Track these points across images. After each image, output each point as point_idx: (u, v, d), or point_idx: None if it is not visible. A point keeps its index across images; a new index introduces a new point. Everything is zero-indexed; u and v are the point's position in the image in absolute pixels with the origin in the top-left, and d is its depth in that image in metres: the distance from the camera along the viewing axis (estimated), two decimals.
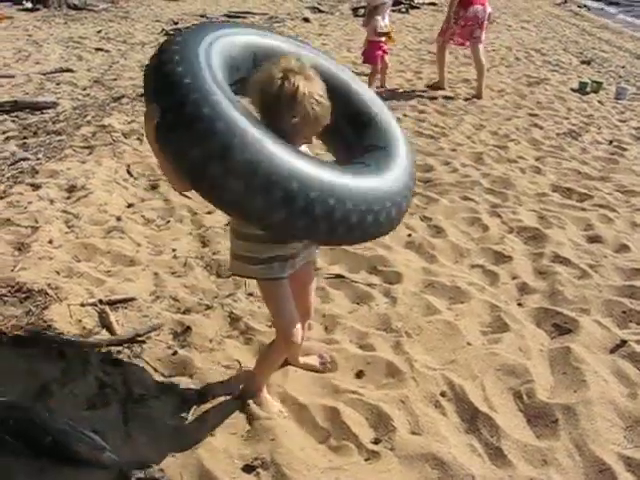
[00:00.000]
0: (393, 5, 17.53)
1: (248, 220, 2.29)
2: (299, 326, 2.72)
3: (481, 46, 8.96)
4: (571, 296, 3.98)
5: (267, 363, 2.93)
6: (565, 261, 4.43)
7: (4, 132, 6.58)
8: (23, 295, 3.56)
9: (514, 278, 4.23)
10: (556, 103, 8.98)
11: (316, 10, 16.55)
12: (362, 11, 15.70)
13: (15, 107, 7.32)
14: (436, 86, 9.33)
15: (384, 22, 8.64)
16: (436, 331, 3.57)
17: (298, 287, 2.83)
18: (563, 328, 3.67)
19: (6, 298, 3.54)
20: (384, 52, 8.87)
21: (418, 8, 17.60)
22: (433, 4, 18.91)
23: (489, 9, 8.84)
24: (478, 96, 8.96)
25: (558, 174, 6.22)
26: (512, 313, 3.78)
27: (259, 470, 2.57)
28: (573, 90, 9.75)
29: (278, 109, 2.33)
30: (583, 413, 2.92)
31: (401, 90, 9.25)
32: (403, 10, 17.54)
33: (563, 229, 4.97)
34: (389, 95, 8.70)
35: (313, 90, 2.34)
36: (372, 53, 8.78)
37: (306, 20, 14.91)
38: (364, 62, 9.06)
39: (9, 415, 2.50)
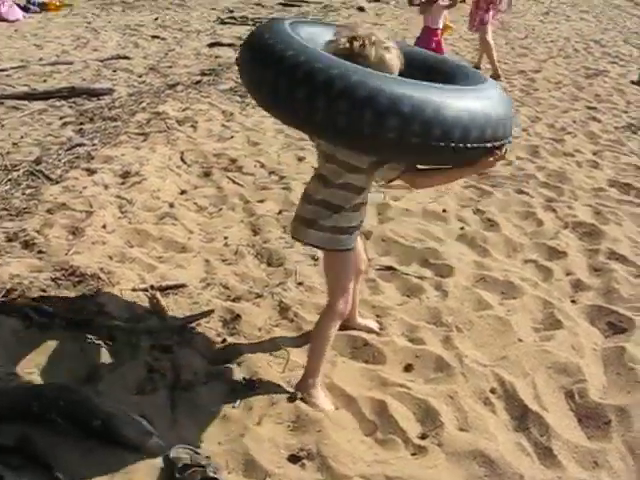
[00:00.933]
0: None
1: (362, 141, 2.33)
2: (350, 298, 2.91)
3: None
4: (627, 294, 3.87)
5: (319, 343, 2.92)
6: (621, 258, 4.31)
7: (61, 117, 6.70)
8: (76, 279, 3.62)
9: (568, 274, 4.14)
10: (615, 96, 8.76)
11: None
12: (418, 0, 15.58)
13: (72, 93, 7.45)
14: (493, 77, 9.21)
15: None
16: (487, 326, 3.52)
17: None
18: (618, 327, 3.58)
19: (60, 281, 3.60)
20: (438, 42, 8.74)
21: None
22: None
23: None
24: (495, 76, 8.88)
25: (616, 169, 6.07)
26: (565, 310, 3.70)
27: (304, 461, 2.56)
28: (633, 83, 9.51)
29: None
30: (637, 415, 2.84)
31: None
32: (460, 0, 17.29)
33: (620, 225, 4.84)
34: None
35: (380, 37, 2.51)
36: (427, 41, 8.66)
37: (361, 9, 14.83)
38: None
39: (59, 396, 2.53)
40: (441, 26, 8.63)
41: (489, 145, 2.40)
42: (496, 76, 8.92)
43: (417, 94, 2.24)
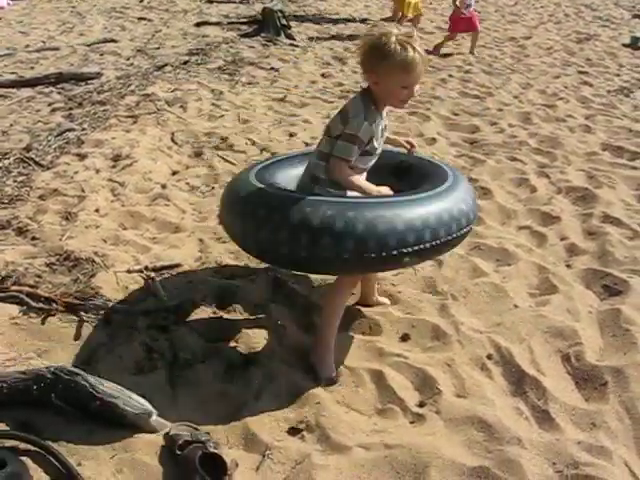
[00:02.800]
0: None
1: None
2: None
3: None
4: (621, 257, 3.89)
5: (326, 313, 2.98)
6: (615, 221, 4.32)
7: (50, 104, 6.66)
8: (71, 263, 3.62)
9: (563, 239, 4.15)
10: (607, 59, 8.73)
11: None
12: None
13: (60, 79, 7.40)
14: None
15: None
16: (483, 294, 3.53)
17: None
18: (613, 289, 3.59)
19: (55, 266, 3.60)
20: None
21: None
22: None
23: None
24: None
25: (609, 132, 6.06)
26: (560, 275, 3.71)
27: (304, 433, 2.58)
28: (625, 45, 9.47)
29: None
30: (633, 376, 2.86)
31: (446, 52, 9.08)
32: None
33: (613, 189, 4.85)
34: (435, 58, 8.55)
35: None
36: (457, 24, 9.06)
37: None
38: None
39: (58, 379, 2.54)
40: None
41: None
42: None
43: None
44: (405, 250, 2.52)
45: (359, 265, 2.60)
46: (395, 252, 2.51)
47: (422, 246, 2.56)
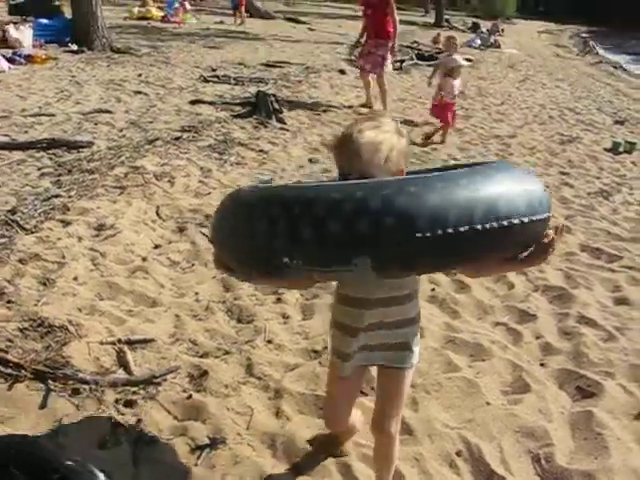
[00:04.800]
0: (427, 60, 17.85)
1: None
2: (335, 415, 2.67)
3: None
4: (596, 359, 3.90)
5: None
6: (591, 322, 4.35)
7: (39, 168, 6.71)
8: (44, 330, 3.59)
9: (538, 337, 4.17)
10: (588, 162, 8.94)
11: (352, 62, 16.76)
12: (398, 65, 15.91)
13: (52, 144, 7.47)
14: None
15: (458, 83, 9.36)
16: (456, 388, 3.52)
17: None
18: (586, 391, 3.59)
19: (27, 332, 3.57)
20: (453, 112, 9.51)
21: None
22: (469, 60, 19.06)
23: None
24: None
25: (587, 233, 6.16)
26: (534, 374, 3.71)
27: None
28: (606, 150, 9.71)
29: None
30: None
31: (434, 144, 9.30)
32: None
33: (590, 290, 4.90)
34: (419, 149, 8.75)
35: None
36: (445, 113, 9.34)
37: (342, 72, 15.11)
38: (436, 117, 9.59)
39: (19, 449, 2.48)
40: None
41: None
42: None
43: None
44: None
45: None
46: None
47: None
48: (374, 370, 2.69)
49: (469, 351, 3.93)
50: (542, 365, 3.89)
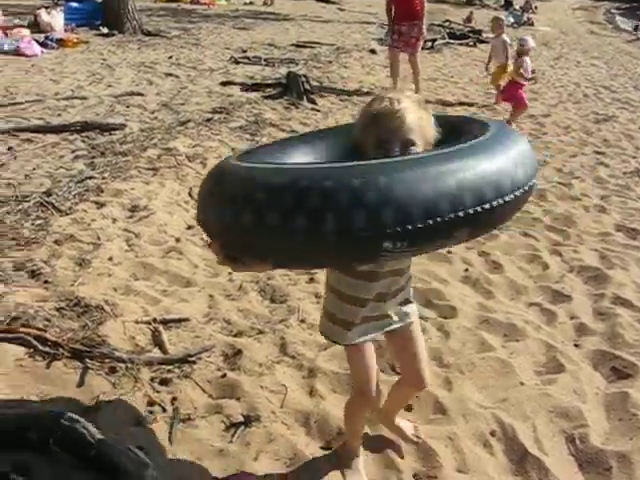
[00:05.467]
0: (459, 38, 17.64)
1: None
2: (369, 399, 2.54)
3: None
4: (631, 340, 3.85)
5: (351, 422, 2.71)
6: (626, 303, 4.30)
7: (73, 151, 6.77)
8: (80, 310, 3.64)
9: (572, 318, 4.13)
10: (624, 141, 8.80)
11: (383, 42, 16.65)
12: (429, 44, 15.74)
13: (85, 127, 7.54)
14: None
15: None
16: (489, 368, 3.51)
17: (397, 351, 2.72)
18: (621, 372, 3.55)
19: (64, 311, 3.62)
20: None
21: (486, 42, 17.49)
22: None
23: None
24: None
25: (623, 214, 6.07)
26: (568, 354, 3.68)
27: None
28: None
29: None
30: (638, 462, 2.81)
31: None
32: (471, 44, 17.53)
33: (626, 270, 4.84)
34: None
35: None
36: (519, 94, 9.04)
37: (373, 52, 15.02)
38: (506, 101, 9.36)
39: (57, 425, 2.54)
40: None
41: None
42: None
43: None
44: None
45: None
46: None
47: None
48: None
49: (503, 331, 3.91)
50: (576, 346, 3.85)
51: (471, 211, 1.83)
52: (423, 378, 2.63)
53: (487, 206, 1.86)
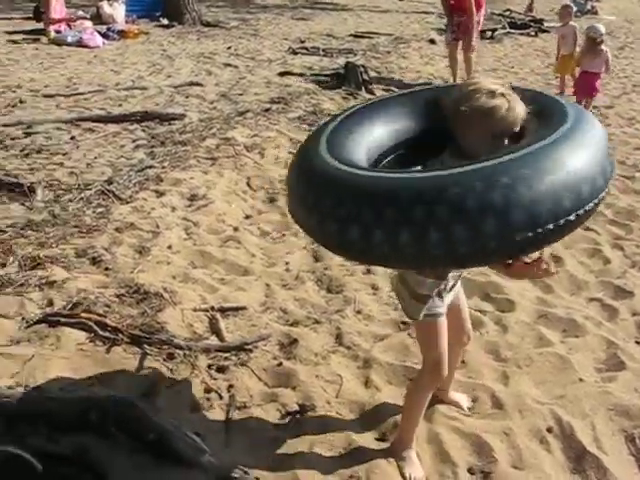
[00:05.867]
0: (520, 28, 17.31)
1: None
2: (443, 371, 2.63)
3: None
4: None
5: (408, 407, 2.75)
6: None
7: (134, 140, 6.88)
8: (140, 296, 3.70)
9: (634, 315, 4.03)
10: None
11: (443, 32, 16.46)
12: (489, 34, 15.50)
13: (145, 117, 7.65)
14: None
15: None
16: (547, 364, 3.45)
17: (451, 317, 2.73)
18: None
19: (124, 298, 3.69)
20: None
21: (547, 32, 17.15)
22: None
23: None
24: None
25: None
26: (630, 351, 3.60)
27: None
28: None
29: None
30: None
31: None
32: (532, 34, 17.19)
33: None
34: None
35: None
36: (596, 85, 8.75)
37: (432, 42, 14.85)
38: (582, 93, 8.89)
39: (117, 409, 2.59)
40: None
41: None
42: None
43: None
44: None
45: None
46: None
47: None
48: None
49: (562, 326, 3.84)
50: (638, 343, 3.76)
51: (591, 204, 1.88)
52: (468, 329, 2.91)
53: (602, 195, 1.92)
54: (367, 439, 2.83)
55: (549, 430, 2.95)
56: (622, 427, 3.01)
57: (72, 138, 6.84)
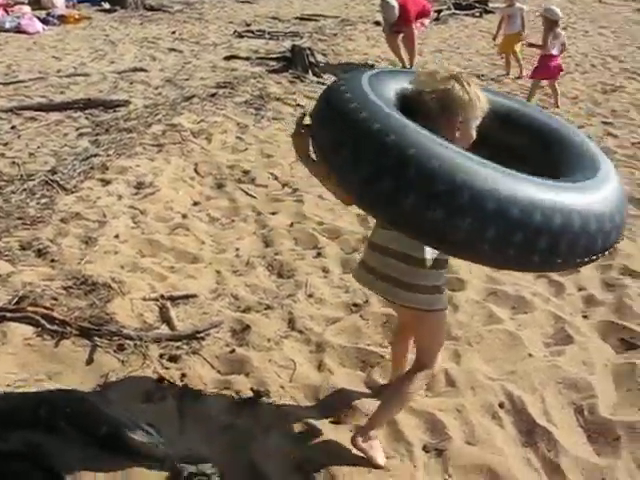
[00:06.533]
0: (465, 9, 17.42)
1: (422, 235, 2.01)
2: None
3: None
4: (639, 310, 3.84)
5: (398, 400, 2.66)
6: (634, 274, 4.27)
7: (77, 129, 6.76)
8: (88, 288, 3.65)
9: (580, 290, 4.12)
10: (632, 111, 8.70)
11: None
12: (434, 15, 15.56)
13: (89, 104, 7.52)
14: None
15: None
16: (497, 341, 3.50)
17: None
18: (630, 343, 3.54)
19: (72, 290, 3.62)
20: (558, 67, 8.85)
21: (492, 13, 17.29)
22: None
23: None
24: None
25: (631, 184, 6.01)
26: (577, 325, 3.67)
27: (310, 472, 2.56)
28: None
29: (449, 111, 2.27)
30: None
31: None
32: (477, 14, 17.30)
33: (634, 241, 4.81)
34: None
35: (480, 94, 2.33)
36: (554, 66, 8.77)
37: (377, 23, 14.82)
38: (542, 77, 8.90)
39: (67, 403, 2.55)
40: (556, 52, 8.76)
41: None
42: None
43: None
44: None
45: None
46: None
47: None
48: None
49: (511, 303, 3.90)
50: (585, 317, 3.84)
51: None
52: None
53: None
54: (322, 423, 2.83)
55: (501, 405, 3.00)
56: (571, 400, 3.08)
57: (13, 127, 6.69)
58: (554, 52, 8.66)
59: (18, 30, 12.30)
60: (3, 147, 6.07)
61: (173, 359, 3.19)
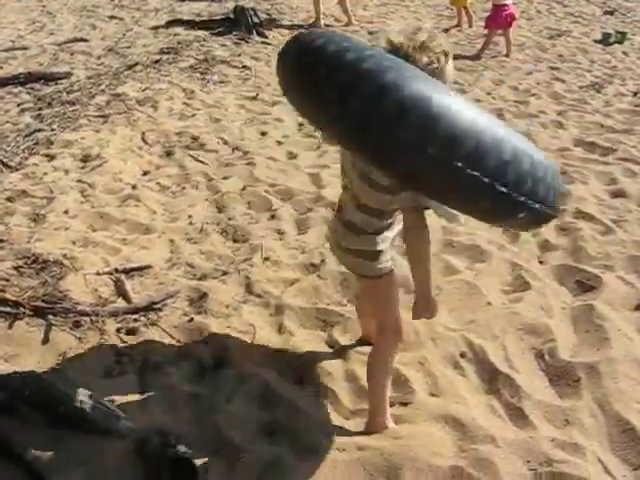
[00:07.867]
0: None
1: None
2: (402, 323, 2.60)
3: None
4: (594, 252, 3.89)
5: (381, 376, 2.59)
6: (588, 217, 4.33)
7: (19, 104, 6.56)
8: (39, 266, 3.56)
9: (535, 235, 4.14)
10: (578, 55, 8.77)
11: None
12: None
13: (29, 78, 7.30)
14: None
15: None
16: (456, 291, 3.52)
17: None
18: (586, 285, 3.60)
19: (22, 270, 3.54)
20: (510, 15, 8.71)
21: None
22: None
23: None
24: None
25: (581, 128, 6.08)
26: (533, 271, 3.71)
27: (277, 434, 2.56)
28: (596, 42, 9.51)
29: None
30: (606, 372, 2.86)
31: None
32: None
33: (586, 184, 4.86)
34: None
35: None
36: (508, 15, 8.66)
37: None
38: (498, 27, 8.78)
39: (24, 385, 2.49)
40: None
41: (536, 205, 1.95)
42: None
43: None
44: None
45: None
46: None
47: None
48: None
49: (467, 253, 3.92)
50: (541, 262, 3.89)
51: None
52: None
53: None
54: (285, 385, 2.83)
55: (462, 355, 3.03)
56: (531, 345, 3.11)
57: None
58: (507, 1, 8.61)
59: None
60: None
61: (131, 332, 3.14)
